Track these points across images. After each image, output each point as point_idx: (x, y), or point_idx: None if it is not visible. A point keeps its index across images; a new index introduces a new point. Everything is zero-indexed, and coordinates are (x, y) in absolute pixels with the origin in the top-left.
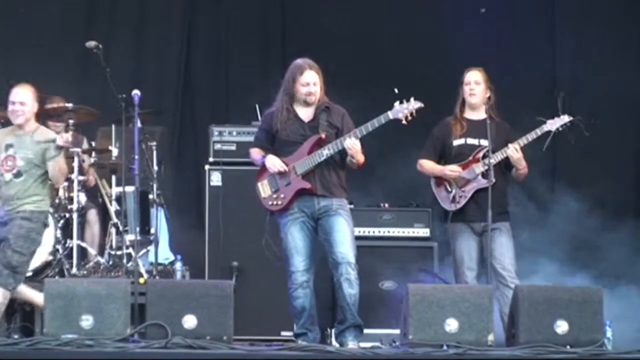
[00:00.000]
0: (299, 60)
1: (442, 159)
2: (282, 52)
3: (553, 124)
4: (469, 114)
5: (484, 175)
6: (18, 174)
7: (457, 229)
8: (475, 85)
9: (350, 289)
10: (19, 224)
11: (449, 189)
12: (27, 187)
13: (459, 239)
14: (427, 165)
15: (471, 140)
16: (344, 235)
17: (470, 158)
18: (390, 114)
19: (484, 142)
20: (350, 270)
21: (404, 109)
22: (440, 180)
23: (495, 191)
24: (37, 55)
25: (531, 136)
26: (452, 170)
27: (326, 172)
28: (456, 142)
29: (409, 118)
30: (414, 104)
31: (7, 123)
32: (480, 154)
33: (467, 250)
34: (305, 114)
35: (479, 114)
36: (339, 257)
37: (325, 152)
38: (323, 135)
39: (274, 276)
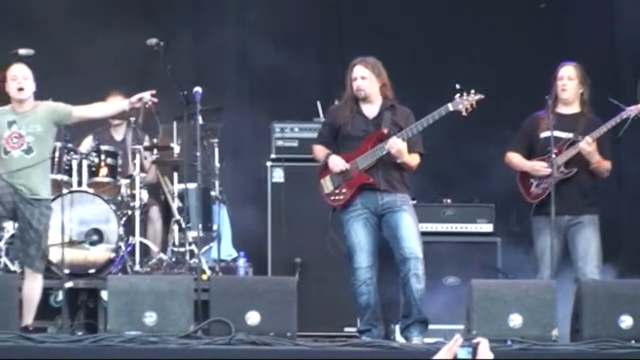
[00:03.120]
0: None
1: (530, 152)
2: (340, 48)
3: (633, 111)
4: (561, 109)
5: (566, 166)
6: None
7: (540, 224)
8: (567, 81)
9: (418, 284)
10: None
11: (531, 182)
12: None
13: (540, 235)
14: (516, 159)
15: (558, 133)
16: (411, 231)
17: (556, 150)
18: (451, 106)
19: (572, 136)
20: (419, 265)
21: (464, 101)
22: (524, 173)
23: (579, 183)
24: (98, 54)
25: (610, 124)
26: (538, 168)
27: (389, 168)
28: (543, 135)
29: (469, 110)
30: (474, 96)
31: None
32: (565, 147)
33: (548, 247)
34: (369, 111)
35: (571, 109)
36: (407, 252)
37: (387, 145)
38: (385, 131)
39: (337, 272)
